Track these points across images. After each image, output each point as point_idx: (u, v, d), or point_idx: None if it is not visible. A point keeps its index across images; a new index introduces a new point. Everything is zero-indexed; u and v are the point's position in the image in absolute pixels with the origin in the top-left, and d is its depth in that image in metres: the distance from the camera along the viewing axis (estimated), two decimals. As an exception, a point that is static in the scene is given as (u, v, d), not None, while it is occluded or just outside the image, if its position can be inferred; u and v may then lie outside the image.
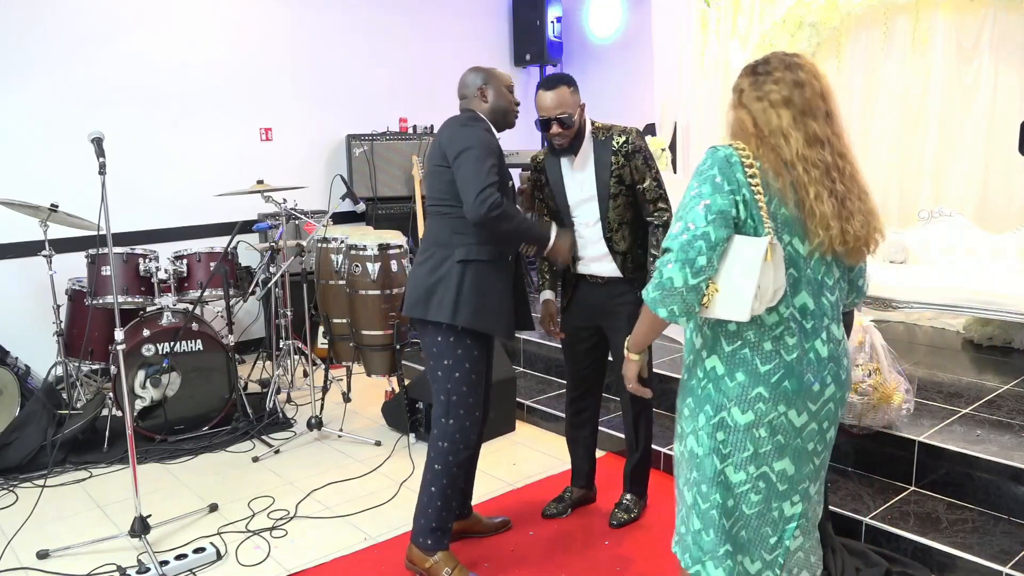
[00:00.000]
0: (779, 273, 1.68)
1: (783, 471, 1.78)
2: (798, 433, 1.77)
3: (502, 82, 2.69)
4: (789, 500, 1.81)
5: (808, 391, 1.75)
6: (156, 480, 3.56)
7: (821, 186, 1.68)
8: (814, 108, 1.71)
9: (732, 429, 1.76)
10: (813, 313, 1.76)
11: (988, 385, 3.66)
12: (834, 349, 1.79)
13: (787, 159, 1.68)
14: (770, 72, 1.73)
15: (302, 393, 4.57)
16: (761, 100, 1.72)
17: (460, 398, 2.60)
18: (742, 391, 1.75)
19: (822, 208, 1.68)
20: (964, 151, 4.67)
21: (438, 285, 2.56)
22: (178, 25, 5.09)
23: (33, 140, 4.64)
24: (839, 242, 1.71)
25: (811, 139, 1.69)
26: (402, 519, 3.14)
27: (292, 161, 5.63)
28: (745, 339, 1.75)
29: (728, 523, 1.81)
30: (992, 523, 2.76)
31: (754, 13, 5.06)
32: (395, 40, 6.09)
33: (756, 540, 1.83)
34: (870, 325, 3.07)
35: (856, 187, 1.73)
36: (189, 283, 4.23)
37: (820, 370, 1.76)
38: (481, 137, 2.52)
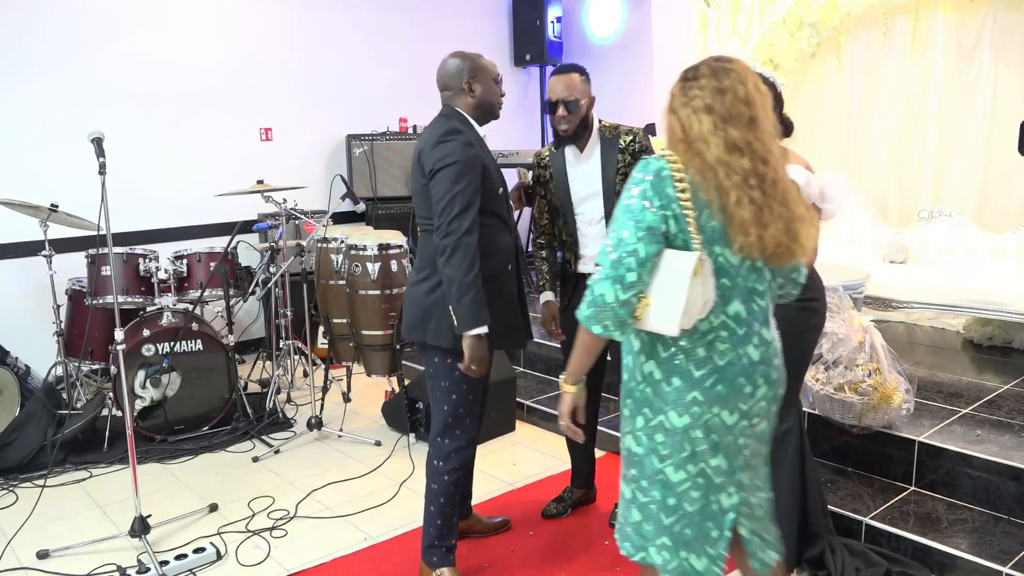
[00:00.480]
0: (708, 287, 1.73)
1: (718, 466, 1.85)
2: (730, 431, 1.84)
3: (489, 73, 2.56)
4: (726, 492, 1.88)
5: (740, 393, 1.81)
6: (156, 480, 3.56)
7: (740, 191, 1.70)
8: (736, 114, 1.72)
9: (670, 432, 1.82)
10: (745, 320, 1.81)
11: (988, 385, 3.66)
12: (765, 352, 1.84)
13: (709, 162, 1.71)
14: (697, 78, 1.77)
15: (302, 393, 4.57)
16: (686, 106, 1.76)
17: (456, 419, 2.56)
18: (678, 395, 1.81)
19: (741, 214, 1.70)
20: (964, 151, 4.67)
21: (435, 307, 2.47)
22: (178, 25, 5.09)
23: (33, 140, 4.64)
24: (757, 248, 1.73)
25: (731, 146, 1.71)
26: (402, 519, 3.14)
27: (292, 161, 5.63)
28: (680, 346, 1.80)
29: (669, 520, 1.87)
30: (992, 523, 2.76)
31: (754, 13, 5.07)
32: (395, 40, 6.09)
33: (700, 537, 1.88)
34: (870, 325, 3.07)
35: (778, 193, 1.74)
36: (189, 283, 4.23)
37: (752, 373, 1.82)
38: (458, 154, 2.37)
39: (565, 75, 2.69)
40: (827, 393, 3.07)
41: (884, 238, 4.68)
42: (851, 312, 3.09)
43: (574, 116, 2.68)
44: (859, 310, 3.61)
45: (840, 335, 3.06)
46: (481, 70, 2.54)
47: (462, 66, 2.53)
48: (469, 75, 2.52)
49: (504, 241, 2.56)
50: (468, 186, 2.36)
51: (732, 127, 1.71)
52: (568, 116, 2.68)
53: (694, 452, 1.83)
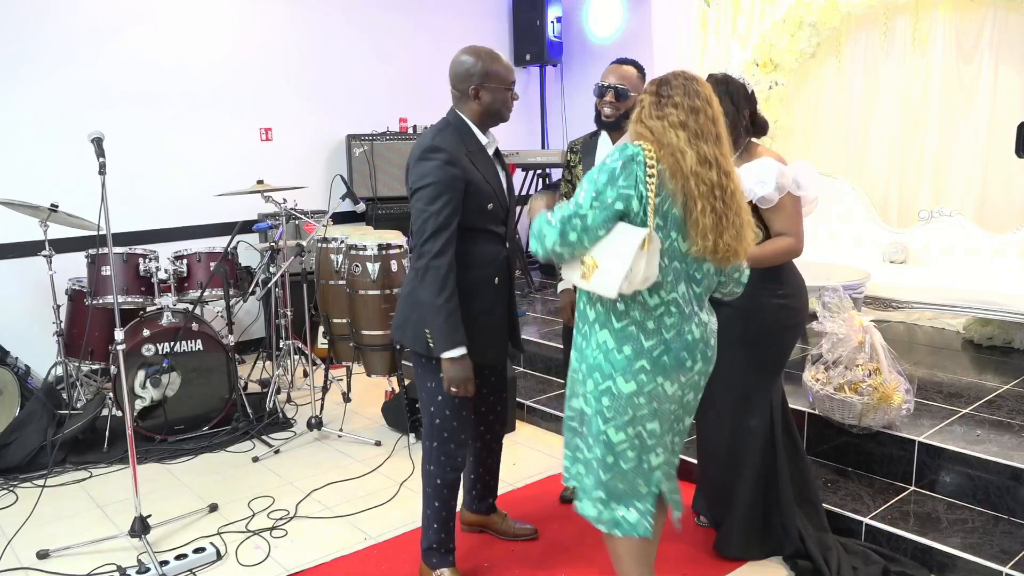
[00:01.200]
0: (652, 263, 1.90)
1: (653, 430, 2.07)
2: (668, 399, 2.06)
3: (501, 81, 2.46)
4: (654, 452, 2.11)
5: (681, 366, 2.03)
6: (156, 480, 3.56)
7: (706, 201, 1.91)
8: (706, 132, 1.93)
9: (616, 396, 2.03)
10: (689, 300, 2.02)
11: (988, 385, 3.66)
12: (703, 332, 2.05)
13: (684, 170, 1.91)
14: (671, 96, 1.96)
15: (302, 393, 4.57)
16: (661, 120, 1.95)
17: (443, 422, 2.54)
18: (628, 363, 2.01)
19: (704, 221, 1.92)
20: (964, 151, 4.67)
21: (412, 312, 2.47)
22: (178, 25, 5.09)
23: (33, 140, 4.64)
24: (710, 251, 1.95)
25: (702, 159, 1.91)
26: (402, 519, 3.14)
27: (292, 161, 5.63)
28: (632, 318, 2.00)
29: (606, 476, 2.10)
30: (992, 523, 2.76)
31: (754, 13, 5.07)
32: (395, 40, 6.09)
33: (631, 491, 2.11)
34: (870, 325, 3.07)
35: (735, 204, 1.97)
36: (189, 283, 4.23)
37: (693, 349, 2.03)
38: (436, 173, 2.33)
39: (622, 65, 2.82)
40: (827, 393, 3.07)
41: (884, 238, 4.69)
42: (851, 312, 3.09)
43: (620, 104, 2.77)
44: (859, 310, 3.61)
45: (840, 335, 3.06)
46: (492, 77, 2.44)
47: (472, 70, 2.43)
48: (478, 80, 2.43)
49: (490, 254, 2.50)
50: (443, 208, 2.31)
51: (703, 143, 1.92)
52: (614, 103, 2.78)
53: (635, 416, 2.04)
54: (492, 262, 2.50)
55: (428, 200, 2.32)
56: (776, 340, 2.64)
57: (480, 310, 2.48)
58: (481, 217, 2.43)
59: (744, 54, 5.09)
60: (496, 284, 2.53)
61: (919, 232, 4.59)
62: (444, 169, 2.34)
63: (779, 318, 2.59)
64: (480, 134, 2.51)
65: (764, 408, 2.67)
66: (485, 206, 2.44)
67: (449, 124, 2.48)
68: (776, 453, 2.70)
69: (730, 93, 2.52)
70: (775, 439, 2.70)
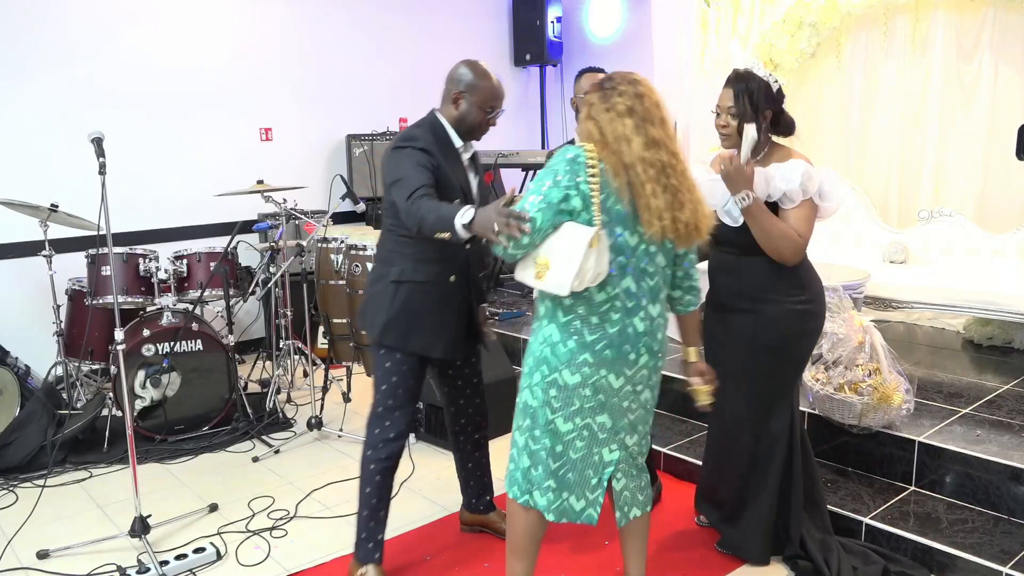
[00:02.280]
0: (602, 260, 2.00)
1: (603, 423, 2.16)
2: (616, 393, 2.13)
3: (482, 98, 2.51)
4: (608, 447, 2.19)
5: (625, 359, 2.10)
6: (156, 480, 3.56)
7: (656, 183, 2.00)
8: (652, 116, 2.03)
9: (562, 388, 2.12)
10: (634, 295, 2.09)
11: (988, 385, 3.66)
12: (649, 325, 2.12)
13: (627, 162, 1.99)
14: (615, 87, 2.05)
15: (302, 393, 4.57)
16: (609, 111, 2.03)
17: (385, 410, 2.61)
18: (572, 356, 2.10)
19: (656, 202, 2.00)
20: (964, 151, 4.67)
21: (372, 299, 2.60)
22: (178, 25, 5.09)
23: (33, 140, 4.64)
24: (671, 230, 2.03)
25: (650, 142, 2.00)
26: (402, 519, 3.14)
27: (292, 161, 5.63)
28: (577, 313, 2.09)
29: (555, 465, 2.18)
30: (992, 523, 2.76)
31: (754, 13, 5.06)
32: (395, 40, 6.09)
33: (581, 482, 2.20)
34: (870, 325, 3.07)
35: (686, 181, 2.06)
36: (189, 283, 4.23)
37: (636, 342, 2.11)
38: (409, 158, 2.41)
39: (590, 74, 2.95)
40: (827, 393, 3.07)
41: (884, 238, 4.68)
42: (851, 312, 3.09)
43: None
44: (859, 310, 3.61)
45: (840, 335, 3.06)
46: (475, 91, 2.52)
47: (461, 77, 2.53)
48: (462, 88, 2.53)
49: (448, 252, 2.49)
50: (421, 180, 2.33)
51: (650, 126, 2.01)
52: None
53: (581, 407, 2.13)
54: (451, 260, 2.54)
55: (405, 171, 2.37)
56: (798, 344, 2.61)
57: (432, 304, 2.55)
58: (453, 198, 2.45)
59: (744, 54, 5.09)
60: (452, 281, 2.57)
61: (919, 232, 4.59)
62: (415, 154, 2.41)
63: (798, 323, 2.56)
64: (455, 137, 2.58)
65: (785, 412, 2.65)
66: (451, 200, 2.44)
67: (425, 122, 2.58)
68: (793, 458, 2.69)
69: (749, 91, 2.46)
70: (793, 444, 2.68)
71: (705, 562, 2.80)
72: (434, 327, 2.56)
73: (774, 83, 2.50)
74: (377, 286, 2.60)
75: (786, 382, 2.64)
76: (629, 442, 2.23)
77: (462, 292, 2.62)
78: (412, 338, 2.55)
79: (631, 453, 2.26)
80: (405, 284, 2.54)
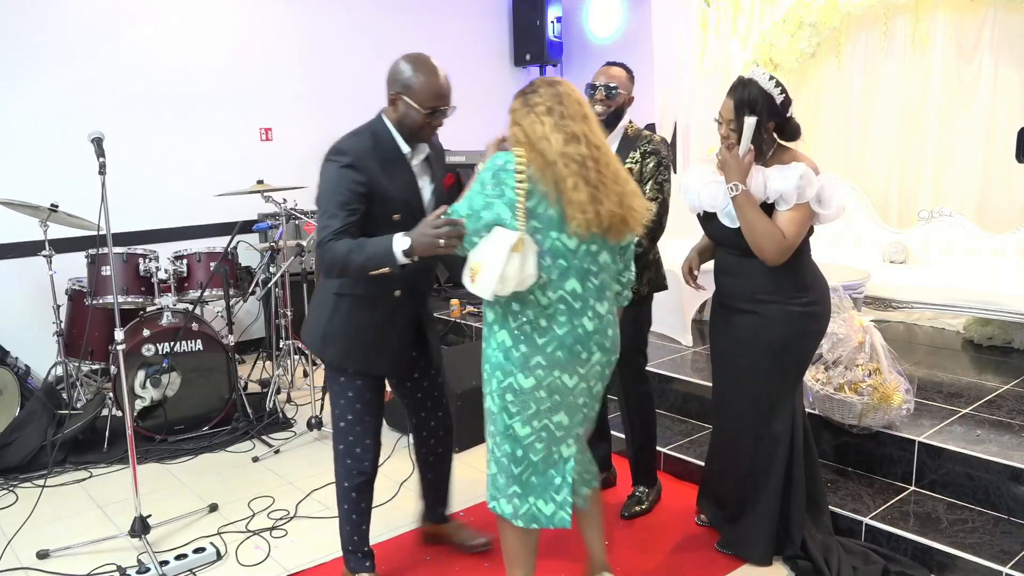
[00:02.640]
0: (528, 264, 2.02)
1: (560, 422, 2.19)
2: (571, 391, 2.17)
3: (422, 98, 2.29)
4: (565, 443, 2.23)
5: (577, 358, 2.14)
6: (156, 480, 3.56)
7: (578, 177, 2.02)
8: (573, 112, 2.07)
9: (518, 392, 2.15)
10: (580, 296, 2.12)
11: (988, 385, 3.66)
12: (599, 323, 2.15)
13: (550, 159, 2.02)
14: (536, 90, 2.10)
15: (302, 393, 4.57)
16: (529, 114, 2.07)
17: (347, 425, 2.52)
18: (525, 360, 2.13)
19: (579, 196, 2.02)
20: (964, 151, 4.67)
21: (311, 314, 2.50)
22: (178, 25, 5.09)
23: (33, 140, 4.64)
24: (596, 223, 2.04)
25: (570, 137, 2.04)
26: (402, 519, 3.14)
27: (292, 161, 5.63)
28: (527, 317, 2.12)
29: (517, 470, 2.21)
30: (992, 523, 2.76)
31: (754, 13, 5.07)
32: (395, 40, 6.08)
33: (545, 484, 2.22)
34: (870, 325, 3.07)
35: (611, 173, 2.08)
36: (189, 283, 4.23)
37: (587, 341, 2.14)
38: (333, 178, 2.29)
39: (613, 67, 2.93)
40: (827, 393, 3.07)
41: (884, 238, 4.68)
42: (851, 312, 3.09)
43: (610, 102, 2.86)
44: (859, 310, 3.61)
45: (840, 335, 3.06)
46: (412, 91, 2.30)
47: (398, 75, 2.32)
48: (398, 88, 2.32)
49: None
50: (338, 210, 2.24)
51: (571, 121, 2.05)
52: (604, 100, 2.85)
53: (538, 410, 2.16)
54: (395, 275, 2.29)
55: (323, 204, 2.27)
56: (799, 346, 2.61)
57: (376, 322, 2.43)
58: (385, 228, 2.23)
59: (744, 54, 5.09)
60: (396, 296, 2.42)
61: (919, 232, 4.59)
62: (341, 173, 2.28)
63: (799, 325, 2.56)
64: (401, 142, 2.39)
65: (787, 413, 2.65)
66: (390, 216, 2.30)
67: (369, 127, 2.41)
68: (795, 459, 2.69)
69: (751, 104, 2.41)
70: (795, 445, 2.69)
71: (706, 562, 2.80)
72: (376, 344, 2.44)
73: (779, 95, 2.44)
74: (318, 298, 2.50)
75: (788, 383, 2.64)
76: (580, 431, 2.28)
77: (408, 307, 2.48)
78: (353, 355, 2.44)
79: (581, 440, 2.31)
80: (346, 297, 2.40)
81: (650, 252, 2.89)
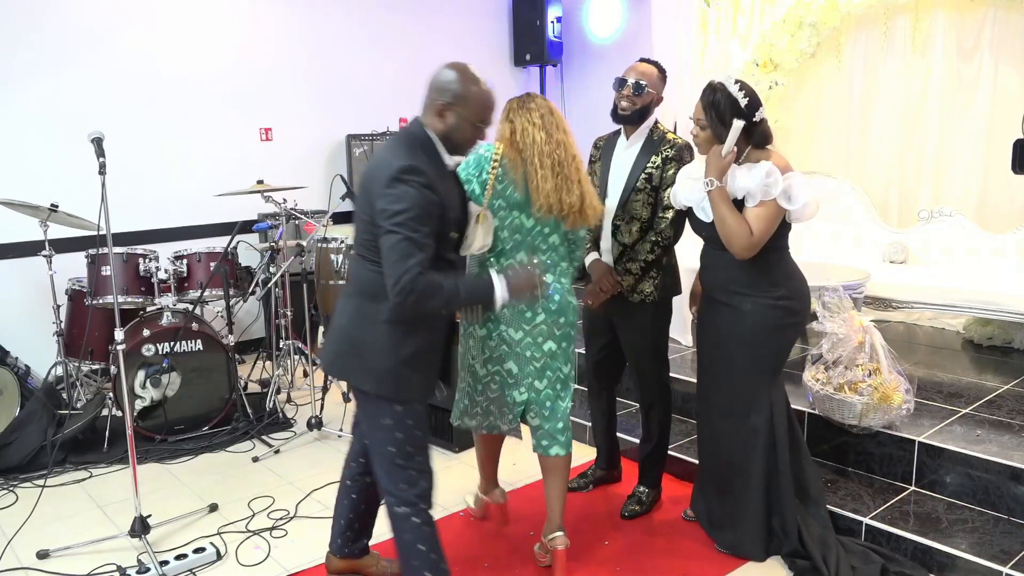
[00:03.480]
0: (487, 234, 2.47)
1: (510, 370, 2.65)
2: (518, 344, 2.61)
3: (475, 111, 2.21)
4: (517, 390, 2.66)
5: (522, 316, 2.59)
6: (156, 480, 3.56)
7: (548, 171, 2.47)
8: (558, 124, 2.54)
9: (475, 339, 2.67)
10: None
11: (988, 385, 3.66)
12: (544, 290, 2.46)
13: (527, 156, 2.48)
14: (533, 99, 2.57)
15: (302, 393, 4.57)
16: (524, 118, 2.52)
17: (408, 460, 2.26)
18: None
19: (546, 185, 2.46)
20: (964, 151, 4.66)
21: (359, 346, 2.22)
22: (179, 25, 5.09)
23: (33, 140, 4.64)
24: (557, 209, 2.49)
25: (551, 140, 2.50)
26: (402, 519, 3.14)
27: (292, 161, 5.63)
28: None
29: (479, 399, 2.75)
30: (992, 523, 2.76)
31: (754, 13, 5.06)
32: (395, 40, 6.09)
33: (500, 415, 2.73)
34: (870, 325, 3.07)
35: (578, 175, 2.53)
36: (189, 283, 4.23)
37: (532, 303, 2.55)
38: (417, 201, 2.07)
39: (646, 64, 2.92)
40: (827, 393, 3.07)
41: (884, 238, 4.68)
42: (851, 312, 3.09)
43: (637, 99, 2.84)
44: (859, 310, 3.61)
45: (840, 335, 3.06)
46: (465, 103, 2.19)
47: (448, 85, 2.19)
48: (449, 99, 2.18)
49: None
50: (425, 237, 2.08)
51: (555, 130, 2.52)
52: (631, 96, 2.84)
53: (490, 356, 2.66)
54: None
55: (409, 227, 2.05)
56: (773, 339, 2.67)
57: (435, 343, 2.31)
58: (442, 245, 2.19)
59: (744, 54, 5.09)
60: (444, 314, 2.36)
61: (919, 232, 4.59)
62: (423, 194, 2.09)
63: (775, 318, 2.62)
64: (445, 155, 2.26)
65: (764, 406, 2.70)
66: (448, 234, 2.24)
67: (416, 140, 2.22)
68: (778, 452, 2.72)
69: (714, 106, 2.54)
70: (776, 438, 2.71)
71: (705, 562, 2.80)
72: (434, 365, 2.30)
73: (743, 98, 2.53)
74: (363, 328, 2.21)
75: (764, 376, 2.69)
76: (539, 386, 2.64)
77: (446, 323, 2.39)
78: (417, 382, 2.24)
79: (542, 397, 2.64)
80: (401, 324, 2.18)
81: (663, 259, 2.89)
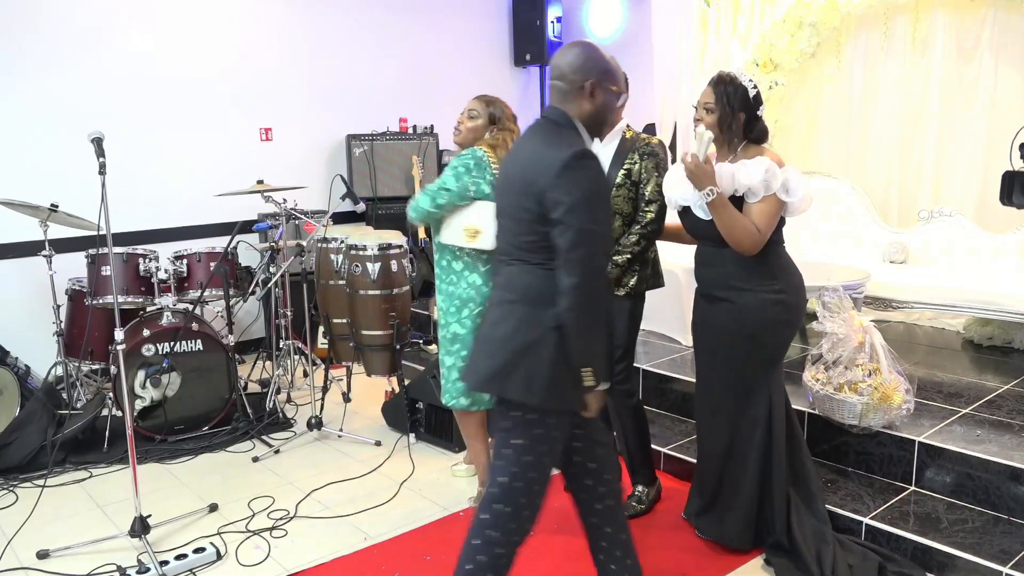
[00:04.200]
0: None
1: None
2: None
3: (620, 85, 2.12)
4: None
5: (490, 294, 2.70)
6: (156, 480, 3.56)
7: None
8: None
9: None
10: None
11: (988, 385, 3.66)
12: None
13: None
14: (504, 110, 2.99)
15: (302, 393, 4.57)
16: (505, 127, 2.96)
17: (526, 485, 2.11)
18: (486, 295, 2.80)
19: None
20: (964, 151, 4.66)
21: (524, 356, 2.04)
22: (178, 25, 5.09)
23: (33, 140, 4.64)
24: None
25: None
26: (402, 519, 3.14)
27: (292, 161, 5.63)
28: (490, 265, 2.83)
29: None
30: (992, 523, 2.76)
31: (754, 13, 5.07)
32: (395, 40, 6.09)
33: None
34: (870, 325, 3.07)
35: None
36: (189, 283, 4.23)
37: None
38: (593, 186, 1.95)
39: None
40: (827, 393, 3.07)
41: (884, 238, 4.68)
42: (851, 312, 3.09)
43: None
44: (859, 310, 3.61)
45: (840, 335, 3.06)
46: (612, 76, 2.07)
47: (589, 63, 2.04)
48: (596, 76, 2.04)
49: None
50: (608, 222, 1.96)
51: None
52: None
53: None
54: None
55: (591, 215, 1.94)
56: (770, 334, 2.68)
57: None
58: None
59: (744, 54, 5.09)
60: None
61: (919, 232, 4.58)
62: (600, 179, 2.00)
63: (772, 313, 2.64)
64: (587, 140, 2.11)
65: (762, 400, 2.72)
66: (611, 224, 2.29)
67: (564, 126, 2.07)
68: (774, 444, 2.74)
69: (727, 94, 2.60)
70: (772, 432, 2.73)
71: (706, 562, 2.80)
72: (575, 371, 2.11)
73: (752, 89, 2.61)
74: (528, 336, 2.04)
75: (762, 370, 2.71)
76: None
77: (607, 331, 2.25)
78: (572, 390, 2.07)
79: None
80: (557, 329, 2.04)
81: (647, 251, 2.92)
